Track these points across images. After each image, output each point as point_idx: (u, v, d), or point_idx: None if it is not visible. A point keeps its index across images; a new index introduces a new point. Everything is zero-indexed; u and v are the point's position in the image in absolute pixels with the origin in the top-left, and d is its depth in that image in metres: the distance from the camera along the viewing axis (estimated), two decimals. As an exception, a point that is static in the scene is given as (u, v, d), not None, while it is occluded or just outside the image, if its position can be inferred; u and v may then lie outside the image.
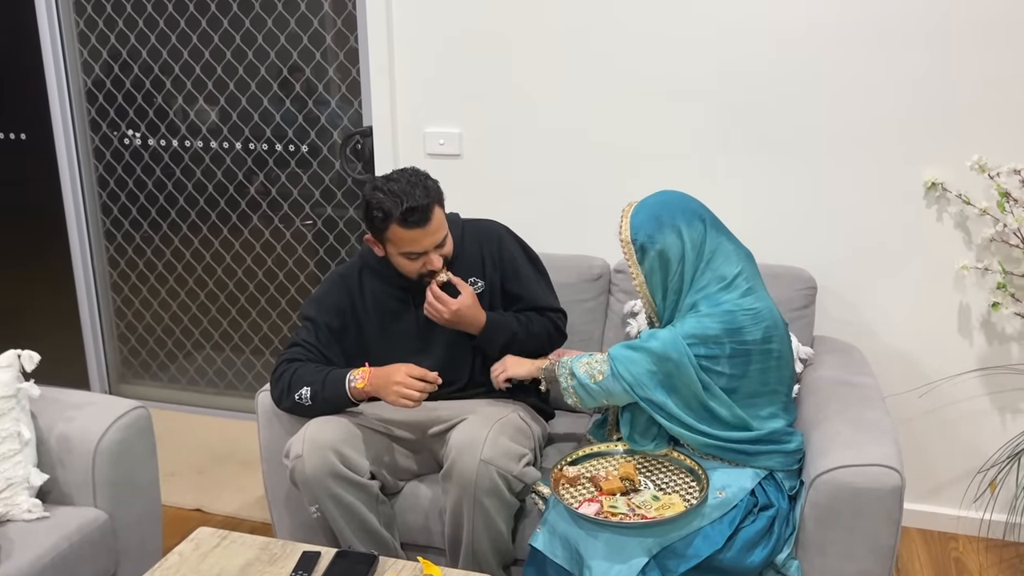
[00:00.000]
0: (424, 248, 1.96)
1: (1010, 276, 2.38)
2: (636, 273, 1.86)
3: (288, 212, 3.20)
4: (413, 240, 1.94)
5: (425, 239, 1.95)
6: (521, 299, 2.15)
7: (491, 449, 1.87)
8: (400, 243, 1.95)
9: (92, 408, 2.01)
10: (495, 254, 2.15)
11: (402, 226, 1.92)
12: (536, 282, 2.19)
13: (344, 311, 2.10)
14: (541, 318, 2.14)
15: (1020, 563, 2.48)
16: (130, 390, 3.61)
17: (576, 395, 1.88)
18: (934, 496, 2.64)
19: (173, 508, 2.75)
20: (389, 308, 2.11)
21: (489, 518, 1.89)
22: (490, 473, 1.86)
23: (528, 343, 2.08)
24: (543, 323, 2.14)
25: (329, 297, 2.11)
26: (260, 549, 1.73)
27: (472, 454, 1.86)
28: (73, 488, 1.96)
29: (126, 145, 3.30)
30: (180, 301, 3.44)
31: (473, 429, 1.92)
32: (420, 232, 1.93)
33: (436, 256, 1.98)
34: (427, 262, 1.98)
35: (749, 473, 1.83)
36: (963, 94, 2.31)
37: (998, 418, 2.52)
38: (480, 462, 1.85)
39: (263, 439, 2.17)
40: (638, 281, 1.87)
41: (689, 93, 2.51)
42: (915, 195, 2.42)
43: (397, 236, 1.94)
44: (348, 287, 2.11)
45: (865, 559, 1.77)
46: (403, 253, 1.97)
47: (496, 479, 1.86)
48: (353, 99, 2.99)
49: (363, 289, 2.11)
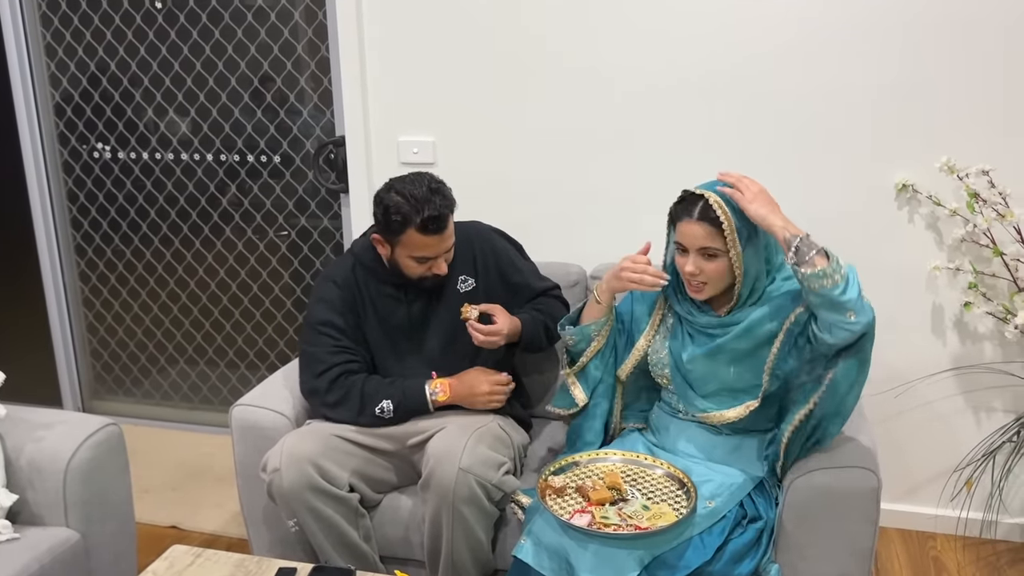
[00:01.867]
0: (436, 253, 2.02)
1: (981, 276, 2.40)
2: (738, 262, 1.76)
3: (261, 223, 3.18)
4: (427, 246, 1.99)
5: (439, 245, 2.01)
6: (525, 287, 2.26)
7: (470, 457, 1.87)
8: (414, 247, 1.99)
9: (62, 427, 1.98)
10: (488, 253, 2.21)
11: (420, 232, 1.96)
12: (529, 271, 2.31)
13: (350, 308, 2.13)
14: (549, 299, 2.29)
15: (997, 560, 2.50)
16: (103, 406, 3.56)
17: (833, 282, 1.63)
18: (911, 496, 2.66)
19: (148, 526, 2.71)
20: (384, 305, 2.13)
21: (468, 527, 1.87)
22: (469, 481, 1.85)
23: (553, 327, 2.18)
24: (552, 304, 2.28)
25: (334, 296, 2.12)
26: (235, 566, 1.70)
27: (451, 463, 1.85)
28: (44, 508, 1.92)
29: (96, 158, 3.27)
30: (153, 315, 3.40)
31: (451, 438, 1.91)
32: (436, 239, 1.99)
33: (443, 261, 2.04)
34: (434, 266, 2.04)
35: (739, 483, 1.82)
36: (932, 96, 2.34)
37: (973, 417, 2.55)
38: (459, 470, 1.84)
39: (237, 454, 2.14)
40: (738, 266, 1.77)
41: (662, 98, 2.51)
42: (886, 197, 2.44)
43: (412, 240, 1.98)
44: (348, 284, 2.13)
45: (844, 560, 1.78)
46: (414, 256, 2.01)
47: (475, 487, 1.85)
48: (325, 108, 2.97)
49: (359, 286, 2.13)
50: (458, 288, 2.16)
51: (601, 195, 2.64)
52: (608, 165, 2.61)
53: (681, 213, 1.79)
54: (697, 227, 1.75)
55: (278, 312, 3.26)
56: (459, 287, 2.16)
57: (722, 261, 1.76)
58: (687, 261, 1.79)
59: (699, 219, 1.75)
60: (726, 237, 1.74)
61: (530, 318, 2.19)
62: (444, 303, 2.15)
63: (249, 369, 3.37)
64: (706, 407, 1.89)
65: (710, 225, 1.74)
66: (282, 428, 2.08)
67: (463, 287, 2.16)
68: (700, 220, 1.75)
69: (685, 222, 1.77)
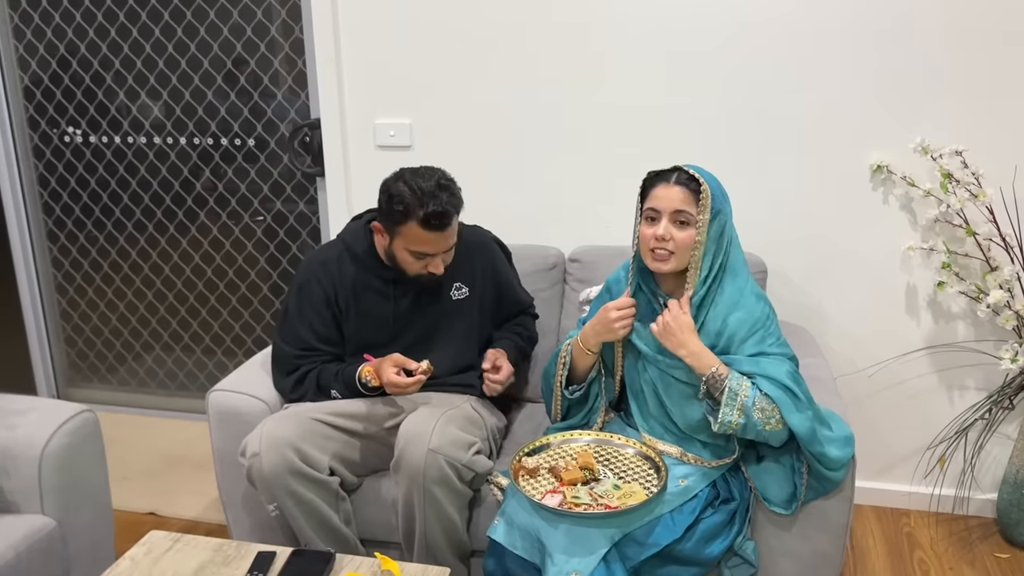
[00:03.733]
0: (435, 251, 1.98)
1: (954, 256, 2.43)
2: (702, 232, 1.74)
3: (236, 208, 3.15)
4: (427, 242, 1.95)
5: (440, 243, 1.97)
6: (513, 304, 2.30)
7: (439, 438, 1.87)
8: (413, 241, 1.96)
9: (35, 414, 1.95)
10: (487, 266, 2.20)
11: (421, 226, 1.92)
12: (517, 285, 2.33)
13: (329, 298, 2.09)
14: (526, 317, 2.35)
15: (969, 536, 2.55)
16: (79, 394, 3.52)
17: (731, 428, 1.71)
18: (886, 473, 2.70)
19: (126, 513, 2.69)
20: (368, 298, 2.10)
21: (440, 508, 1.88)
22: (438, 462, 1.85)
23: (527, 348, 2.34)
24: (528, 322, 2.35)
25: (313, 285, 2.10)
26: (214, 551, 1.69)
27: (420, 444, 1.86)
28: (19, 496, 1.90)
29: (67, 142, 3.22)
30: (127, 302, 3.36)
31: (421, 419, 1.93)
32: (437, 236, 1.95)
33: (440, 260, 2.01)
34: (431, 264, 2.00)
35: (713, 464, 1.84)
36: (907, 77, 2.35)
37: (946, 395, 2.58)
38: (428, 451, 1.85)
39: (215, 440, 2.13)
40: (701, 238, 1.75)
41: (640, 82, 2.51)
42: (861, 178, 2.45)
43: (413, 233, 1.94)
44: (329, 273, 2.10)
45: (819, 537, 1.80)
46: (411, 251, 1.98)
47: (445, 468, 1.86)
48: (300, 91, 2.94)
49: (343, 276, 2.10)
50: (451, 295, 2.14)
51: (579, 178, 2.63)
52: (587, 149, 2.61)
53: (657, 180, 1.79)
54: (676, 190, 1.75)
55: (254, 297, 3.23)
56: (452, 293, 2.14)
57: (691, 232, 1.75)
58: (657, 227, 1.76)
59: (677, 183, 1.75)
60: (700, 201, 1.74)
61: (512, 345, 2.23)
62: (433, 305, 2.12)
63: (226, 355, 3.35)
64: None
65: (687, 190, 1.74)
66: (260, 413, 2.07)
67: (456, 294, 2.14)
68: (678, 184, 1.75)
69: (662, 187, 1.77)
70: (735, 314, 1.77)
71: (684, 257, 1.77)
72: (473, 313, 2.17)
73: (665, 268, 1.78)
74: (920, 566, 2.40)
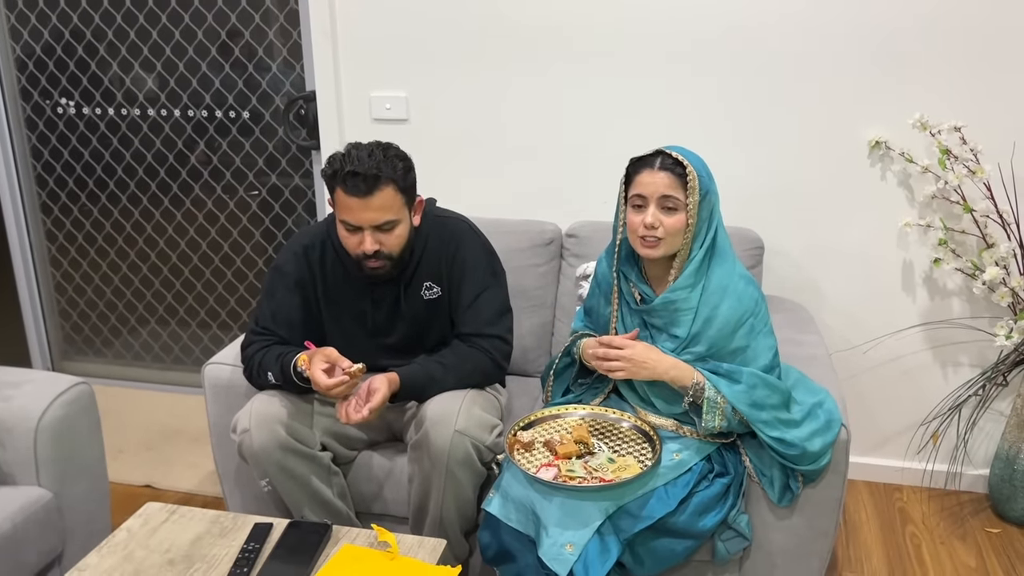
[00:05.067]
0: (359, 222, 1.85)
1: (951, 232, 2.43)
2: (693, 215, 1.73)
3: (231, 181, 3.13)
4: (348, 209, 1.84)
5: (362, 213, 1.83)
6: (459, 320, 2.04)
7: (465, 420, 1.86)
8: (339, 208, 1.87)
9: (31, 386, 1.95)
10: (449, 261, 2.03)
11: (343, 189, 1.83)
12: (481, 302, 2.02)
13: (304, 283, 2.03)
14: (472, 351, 2.00)
15: (961, 511, 2.57)
16: (74, 367, 3.52)
17: (715, 430, 1.77)
18: (879, 449, 2.71)
19: (122, 485, 2.70)
20: (347, 288, 2.04)
21: (460, 488, 1.88)
22: (464, 444, 1.85)
23: (458, 385, 1.97)
24: (474, 359, 1.99)
25: (289, 267, 2.03)
26: (211, 522, 1.70)
27: (446, 425, 1.85)
28: (15, 467, 1.90)
29: (59, 114, 3.19)
30: (122, 275, 3.35)
31: (446, 400, 1.90)
32: (358, 202, 1.82)
33: (371, 239, 1.86)
34: (362, 241, 1.87)
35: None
36: (905, 53, 2.34)
37: (940, 371, 2.59)
38: (454, 432, 1.84)
39: (211, 414, 2.13)
40: (692, 221, 1.73)
41: (638, 58, 2.49)
42: (859, 154, 2.45)
43: (339, 199, 1.86)
44: (309, 260, 2.03)
45: (813, 512, 1.81)
46: (342, 220, 1.88)
47: (470, 449, 1.85)
48: (295, 63, 2.92)
49: (324, 264, 2.03)
50: (422, 295, 2.04)
51: (576, 153, 2.62)
52: (584, 123, 2.59)
53: (641, 166, 1.76)
54: (661, 175, 1.73)
55: (249, 271, 3.22)
56: (424, 294, 2.04)
57: (680, 217, 1.74)
58: (645, 214, 1.74)
59: (662, 168, 1.74)
60: (688, 184, 1.73)
61: (421, 371, 1.96)
62: (408, 305, 2.04)
63: (221, 329, 3.34)
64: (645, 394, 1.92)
65: (672, 175, 1.73)
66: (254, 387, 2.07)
67: (428, 294, 2.04)
68: (663, 169, 1.74)
69: (646, 172, 1.75)
70: (726, 302, 1.77)
71: (674, 242, 1.76)
72: (448, 313, 2.07)
73: (655, 254, 1.77)
74: (912, 540, 2.42)
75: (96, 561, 1.59)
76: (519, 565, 1.69)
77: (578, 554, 1.61)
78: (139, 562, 1.58)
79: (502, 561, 1.73)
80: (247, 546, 1.60)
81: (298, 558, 1.56)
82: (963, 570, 2.29)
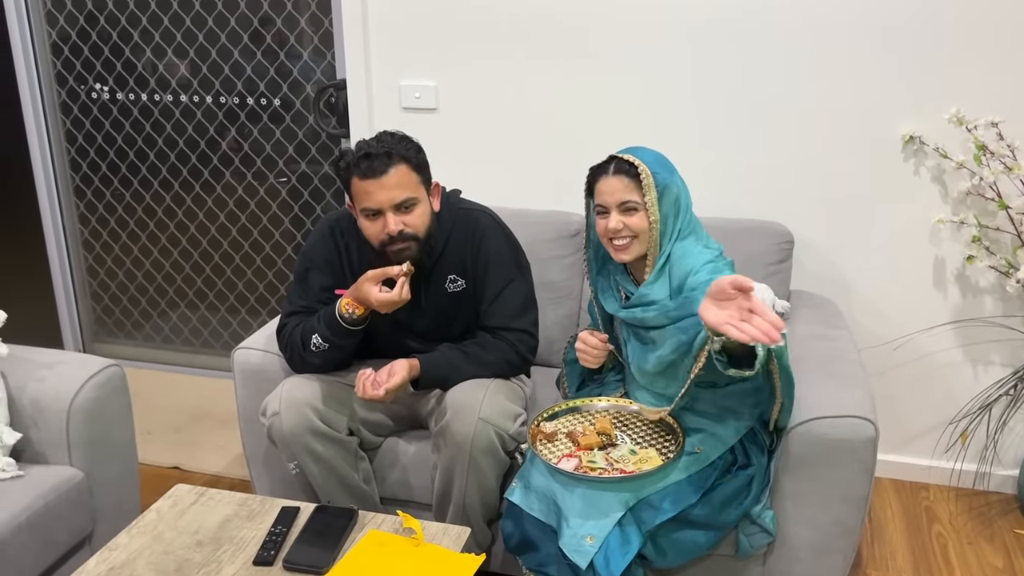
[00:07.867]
0: (379, 204, 1.85)
1: (985, 229, 2.39)
2: (653, 212, 1.75)
3: (261, 168, 3.15)
4: (367, 194, 1.84)
5: (379, 193, 1.84)
6: (484, 314, 2.04)
7: (489, 408, 1.87)
8: (358, 198, 1.87)
9: (64, 367, 1.99)
10: (474, 254, 2.03)
11: (358, 175, 1.85)
12: (506, 295, 2.03)
13: (333, 264, 2.06)
14: (497, 342, 2.01)
15: (989, 511, 2.54)
16: (104, 349, 3.57)
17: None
18: (907, 447, 2.69)
19: (151, 467, 2.74)
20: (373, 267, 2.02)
21: (483, 476, 1.89)
22: (488, 432, 1.86)
23: (481, 373, 1.98)
24: (499, 349, 2.01)
25: (318, 251, 2.06)
26: (239, 505, 1.72)
27: (470, 413, 1.86)
28: (47, 447, 1.94)
29: (94, 99, 3.23)
30: (153, 259, 3.39)
31: (470, 388, 1.91)
32: (374, 184, 1.83)
33: (393, 219, 1.86)
34: (385, 225, 1.86)
35: (730, 431, 1.83)
36: (942, 46, 2.30)
37: (970, 370, 2.56)
38: (479, 420, 1.85)
39: (240, 397, 2.16)
40: (654, 219, 1.76)
41: (667, 48, 2.47)
42: (893, 148, 2.41)
43: (356, 189, 1.87)
44: (335, 239, 2.06)
45: (838, 509, 1.80)
46: (362, 210, 1.88)
47: (493, 438, 1.86)
48: (326, 51, 2.93)
49: (350, 242, 2.05)
50: (446, 287, 2.04)
51: (606, 144, 2.61)
52: (614, 116, 2.58)
53: (597, 174, 1.82)
54: (615, 180, 1.78)
55: (279, 257, 3.25)
56: (448, 287, 2.04)
57: (641, 215, 1.77)
58: (609, 220, 1.79)
59: (615, 173, 1.78)
60: (643, 183, 1.75)
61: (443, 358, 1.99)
62: (432, 299, 2.04)
63: (250, 314, 3.38)
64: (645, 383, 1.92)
65: (627, 177, 1.77)
66: (283, 372, 2.09)
67: (452, 287, 2.04)
68: (616, 174, 1.78)
69: (603, 180, 1.80)
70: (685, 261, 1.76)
71: (644, 239, 1.79)
72: (472, 306, 2.07)
73: (628, 257, 1.81)
74: (938, 540, 2.40)
75: (126, 541, 1.61)
76: (541, 555, 1.70)
77: (598, 546, 1.61)
78: (168, 543, 1.61)
79: (524, 550, 1.74)
80: (274, 529, 1.62)
81: (324, 542, 1.58)
82: (990, 571, 2.27)
